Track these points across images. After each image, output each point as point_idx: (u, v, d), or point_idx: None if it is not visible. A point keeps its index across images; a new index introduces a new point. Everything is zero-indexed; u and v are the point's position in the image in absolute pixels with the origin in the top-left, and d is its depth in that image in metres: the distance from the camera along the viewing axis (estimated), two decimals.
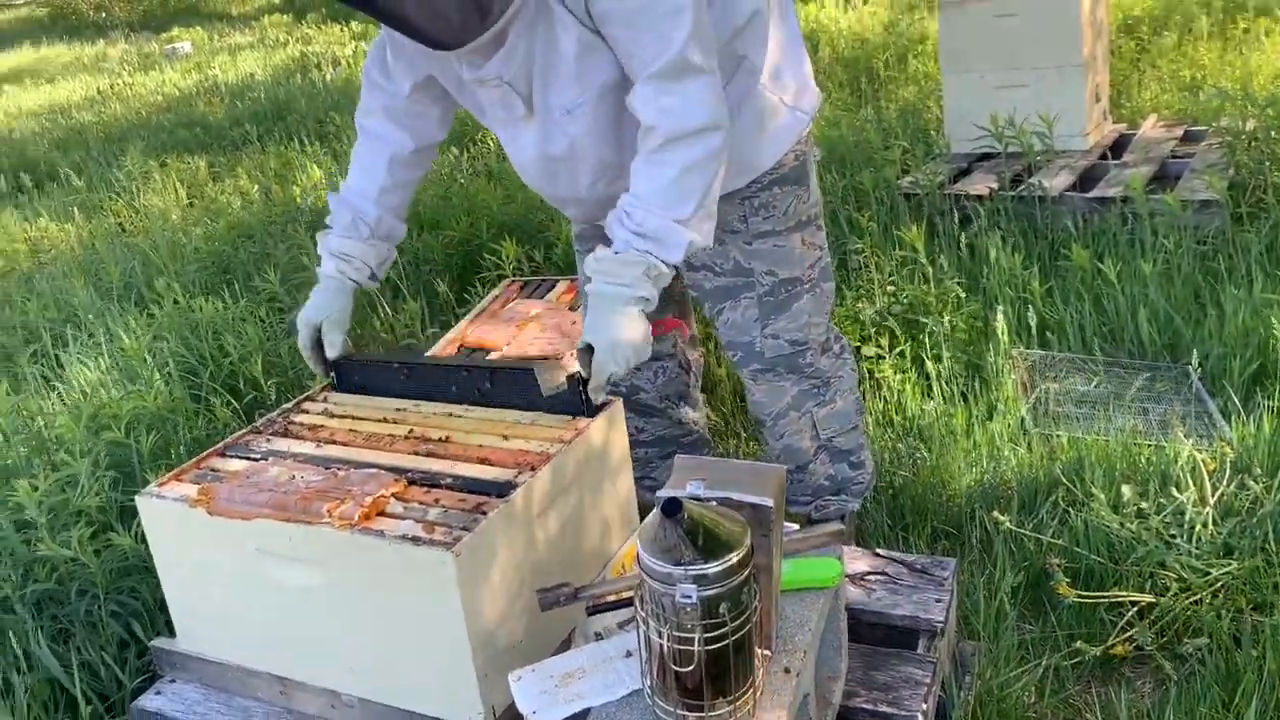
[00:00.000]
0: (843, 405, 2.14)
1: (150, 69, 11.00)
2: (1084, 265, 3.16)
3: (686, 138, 1.65)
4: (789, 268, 2.00)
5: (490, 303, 3.01)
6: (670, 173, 1.65)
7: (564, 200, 1.95)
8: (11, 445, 2.52)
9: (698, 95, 1.65)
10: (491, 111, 1.86)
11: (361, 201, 1.98)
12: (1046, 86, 4.12)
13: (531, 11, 1.65)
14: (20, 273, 4.53)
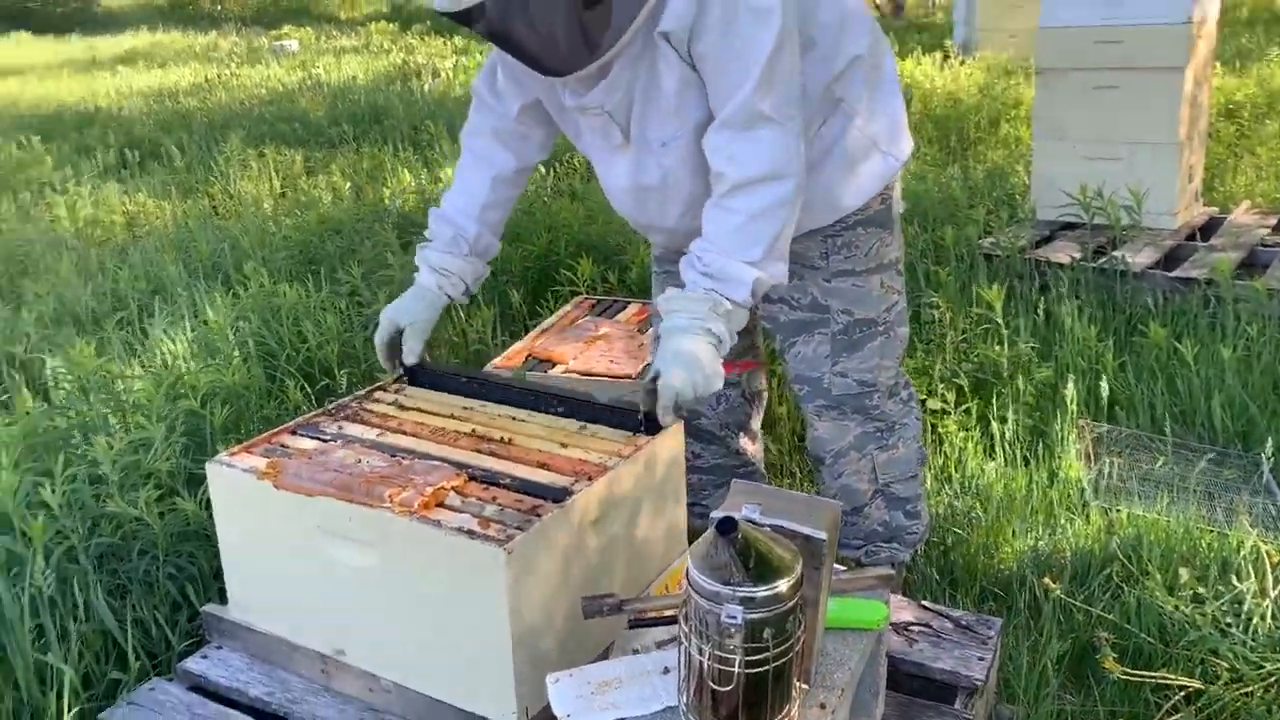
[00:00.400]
0: (904, 452, 2.14)
1: (257, 63, 11.35)
2: (1161, 343, 3.11)
3: (753, 185, 1.69)
4: (865, 308, 2.02)
5: (561, 317, 3.06)
6: (737, 219, 1.70)
7: (650, 228, 2.00)
8: (92, 404, 2.61)
9: (766, 144, 1.69)
10: (589, 138, 1.91)
11: (463, 219, 2.03)
12: (1139, 162, 4.08)
13: (638, 47, 1.71)
14: (116, 243, 4.69)
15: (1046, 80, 4.28)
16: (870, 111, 1.93)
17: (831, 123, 1.89)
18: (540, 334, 2.92)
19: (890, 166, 1.99)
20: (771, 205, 1.70)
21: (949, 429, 2.78)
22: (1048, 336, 3.26)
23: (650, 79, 1.74)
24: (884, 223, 2.01)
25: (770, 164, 1.70)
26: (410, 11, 17.45)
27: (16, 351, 3.18)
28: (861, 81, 1.90)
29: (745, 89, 1.66)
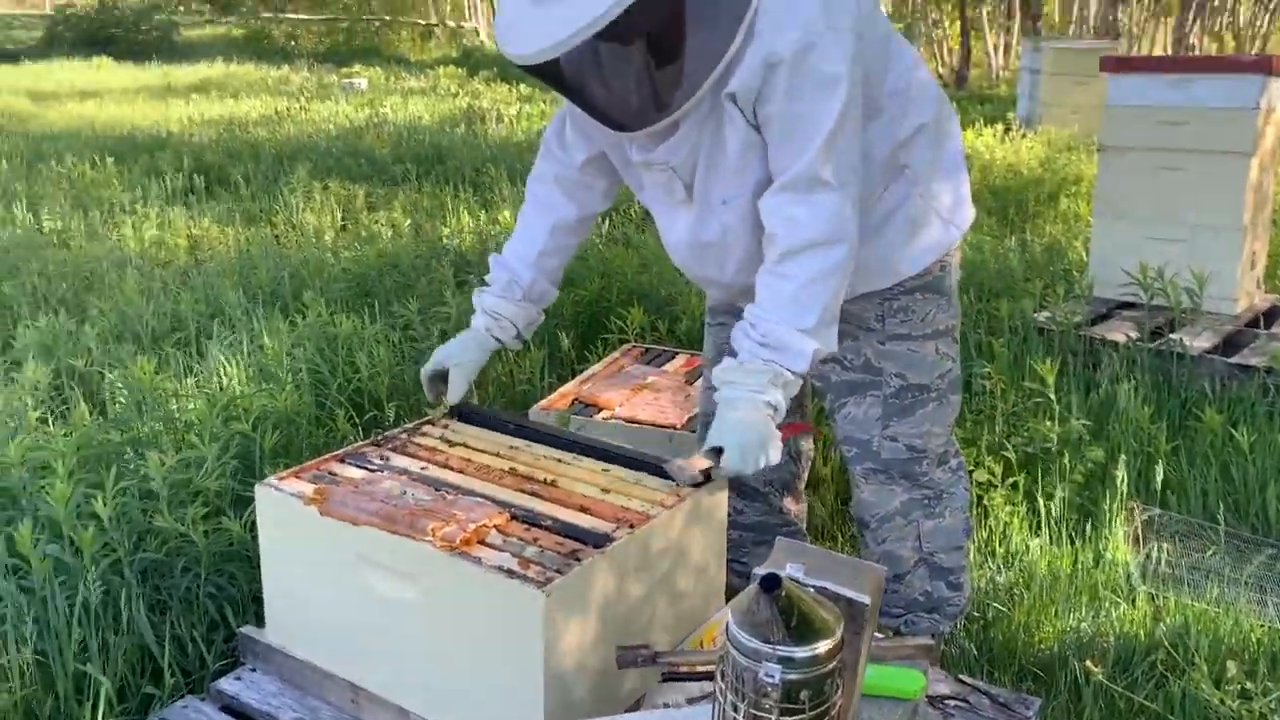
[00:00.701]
0: (951, 522, 2.11)
1: (326, 98, 11.63)
2: (1216, 430, 3.06)
3: (806, 250, 1.71)
4: (919, 374, 2.01)
5: (609, 364, 3.07)
6: (792, 285, 1.71)
7: (708, 281, 2.02)
8: (146, 420, 2.66)
9: (824, 209, 1.71)
10: (652, 192, 1.94)
11: (520, 265, 2.08)
12: (1201, 245, 4.04)
13: (706, 106, 1.73)
14: (178, 265, 4.80)
15: (1109, 158, 4.27)
16: (934, 179, 1.94)
17: (895, 188, 1.90)
18: (588, 379, 2.93)
19: (951, 235, 1.99)
20: (825, 271, 1.71)
21: (995, 502, 2.75)
22: (1100, 415, 3.21)
23: (715, 139, 1.77)
24: (941, 290, 2.00)
25: (826, 229, 1.71)
26: (478, 58, 17.80)
27: (78, 365, 3.25)
28: (927, 149, 1.91)
29: (808, 155, 1.68)
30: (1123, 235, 4.21)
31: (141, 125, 9.40)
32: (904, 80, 1.87)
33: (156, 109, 10.66)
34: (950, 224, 1.98)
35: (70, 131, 9.06)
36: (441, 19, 24.34)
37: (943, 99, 1.98)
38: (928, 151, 1.92)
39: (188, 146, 7.99)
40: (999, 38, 16.86)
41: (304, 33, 21.14)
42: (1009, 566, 2.60)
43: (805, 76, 1.66)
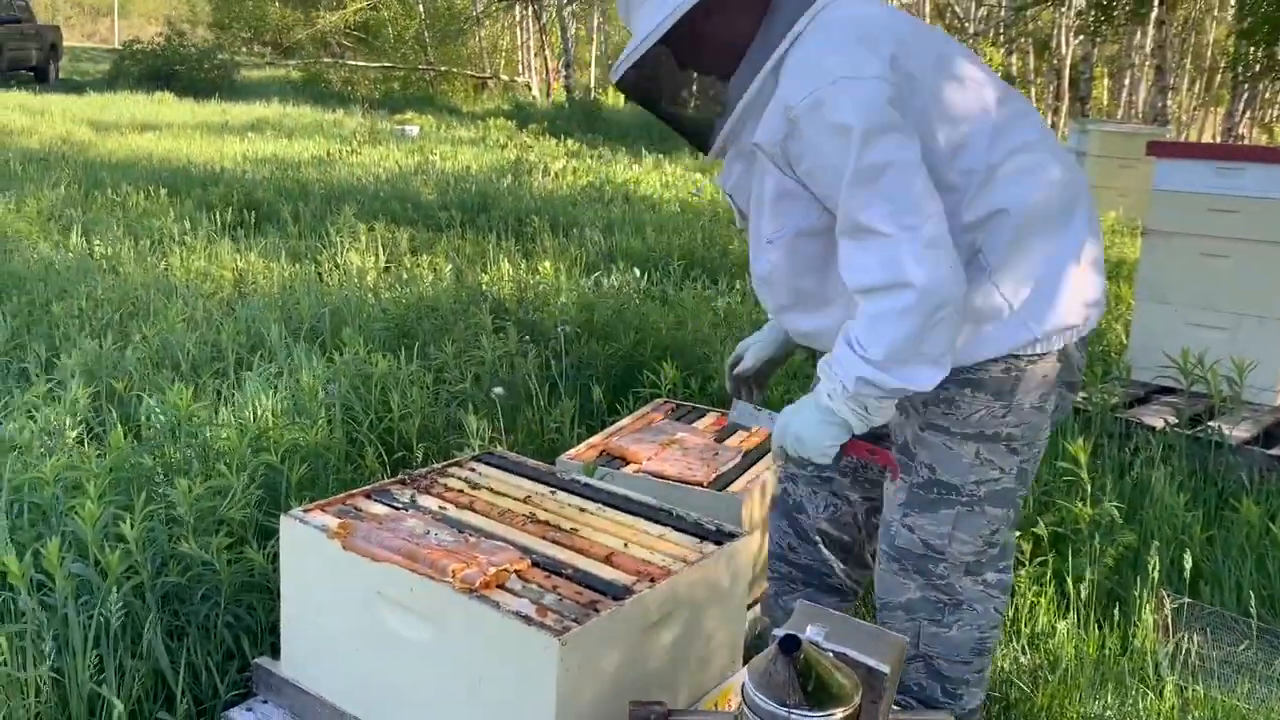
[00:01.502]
0: (959, 635, 1.94)
1: (378, 143, 11.83)
2: (1254, 522, 3.00)
3: (869, 293, 1.70)
4: (949, 472, 1.88)
5: (639, 418, 3.07)
6: (862, 321, 1.72)
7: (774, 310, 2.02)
8: (178, 447, 2.68)
9: (874, 255, 1.68)
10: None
11: None
12: (1244, 333, 4.00)
13: (746, 141, 1.79)
14: (223, 297, 4.87)
15: (1154, 241, 4.25)
16: (1017, 273, 1.82)
17: (967, 273, 1.78)
18: (616, 431, 2.93)
19: (1021, 336, 1.83)
20: (888, 312, 1.68)
21: (1021, 580, 2.70)
22: (1134, 499, 3.16)
23: (756, 179, 1.83)
24: (1000, 393, 1.85)
25: (881, 275, 1.67)
26: (529, 112, 18.09)
27: (118, 388, 3.30)
28: (1008, 238, 1.80)
29: (846, 204, 1.68)
30: (1164, 320, 4.18)
31: (197, 160, 9.60)
32: (986, 161, 1.79)
33: (213, 145, 10.90)
34: (1025, 324, 1.83)
35: (128, 162, 9.27)
36: (495, 72, 24.80)
37: (1068, 193, 1.87)
38: (1010, 241, 1.80)
39: (240, 182, 8.15)
40: (1046, 118, 16.92)
41: (360, 79, 21.60)
42: (1034, 648, 2.54)
43: (820, 130, 1.67)
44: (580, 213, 7.49)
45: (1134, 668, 2.42)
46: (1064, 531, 2.85)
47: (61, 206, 6.74)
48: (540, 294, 4.92)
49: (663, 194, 8.99)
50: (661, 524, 1.88)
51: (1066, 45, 16.83)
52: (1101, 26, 13.49)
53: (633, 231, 6.71)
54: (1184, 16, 17.61)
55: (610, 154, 12.33)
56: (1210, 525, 3.06)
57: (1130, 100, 18.01)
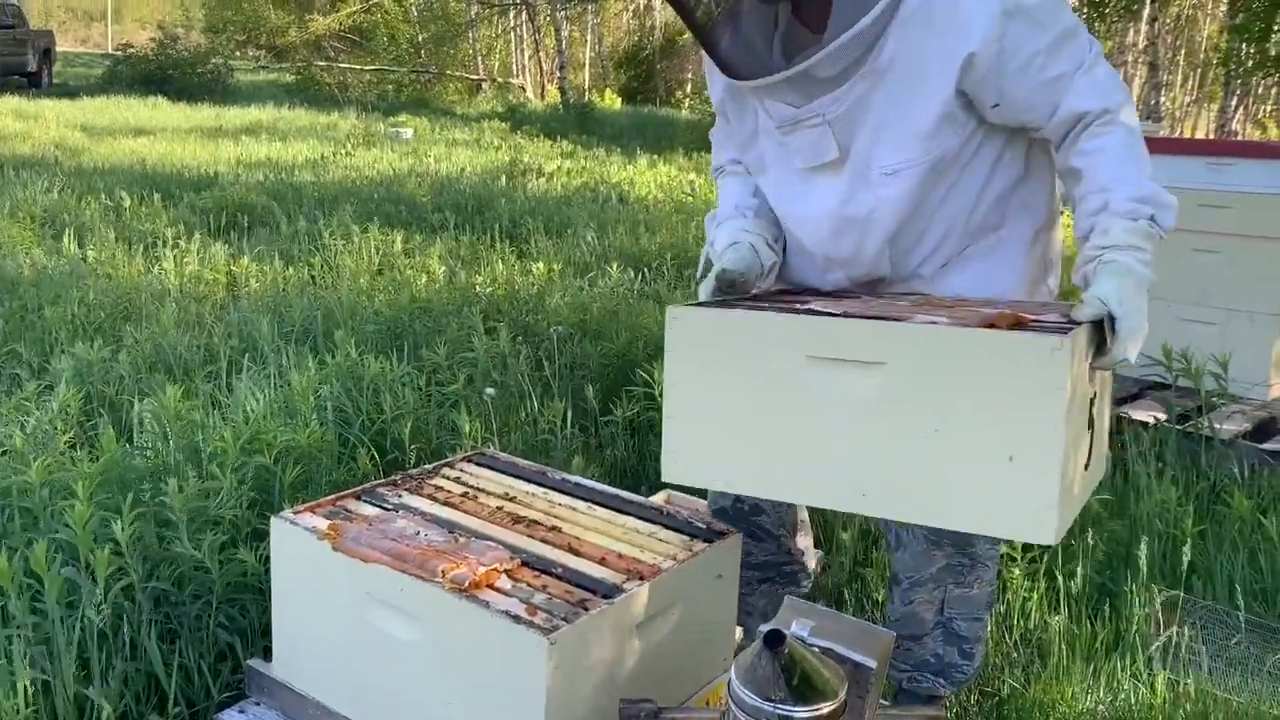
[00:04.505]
0: (977, 593, 2.09)
1: (372, 146, 11.83)
2: (1245, 516, 3.00)
3: (1123, 109, 1.72)
4: None
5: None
6: (1129, 140, 1.70)
7: (836, 261, 1.90)
8: (170, 448, 2.68)
9: (1111, 71, 1.75)
10: (782, 163, 1.86)
11: (744, 205, 1.99)
12: (1235, 329, 4.01)
13: (886, 62, 1.68)
14: (215, 300, 4.87)
15: None
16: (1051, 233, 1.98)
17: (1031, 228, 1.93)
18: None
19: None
20: (1139, 128, 1.75)
21: (1014, 576, 2.71)
22: (1124, 494, 3.17)
23: (896, 103, 1.70)
24: None
25: (1123, 94, 1.74)
26: (523, 114, 18.09)
27: (109, 392, 3.30)
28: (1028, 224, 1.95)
29: (1084, 43, 1.73)
30: (1155, 316, 4.14)
31: (191, 164, 9.60)
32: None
33: (206, 148, 10.89)
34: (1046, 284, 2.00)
35: (121, 166, 9.27)
36: (489, 74, 24.81)
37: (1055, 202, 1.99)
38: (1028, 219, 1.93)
39: (234, 186, 8.14)
40: None
41: (354, 81, 21.59)
42: (1026, 643, 2.55)
43: (1034, 3, 1.69)
44: (574, 214, 7.50)
45: (1126, 662, 2.42)
46: None
47: (54, 211, 6.73)
48: (534, 295, 4.92)
49: (656, 195, 9.00)
50: (652, 522, 1.89)
51: None
52: (1094, 23, 13.51)
53: (626, 232, 6.72)
54: (1176, 13, 17.65)
55: (604, 155, 12.33)
56: (1202, 520, 3.07)
57: None
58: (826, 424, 1.55)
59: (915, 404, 1.48)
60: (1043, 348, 1.40)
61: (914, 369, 1.48)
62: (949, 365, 1.46)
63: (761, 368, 1.59)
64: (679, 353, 1.66)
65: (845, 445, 1.54)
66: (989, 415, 1.43)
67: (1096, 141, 1.71)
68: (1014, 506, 1.43)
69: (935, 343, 1.47)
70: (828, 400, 1.54)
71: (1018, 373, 1.41)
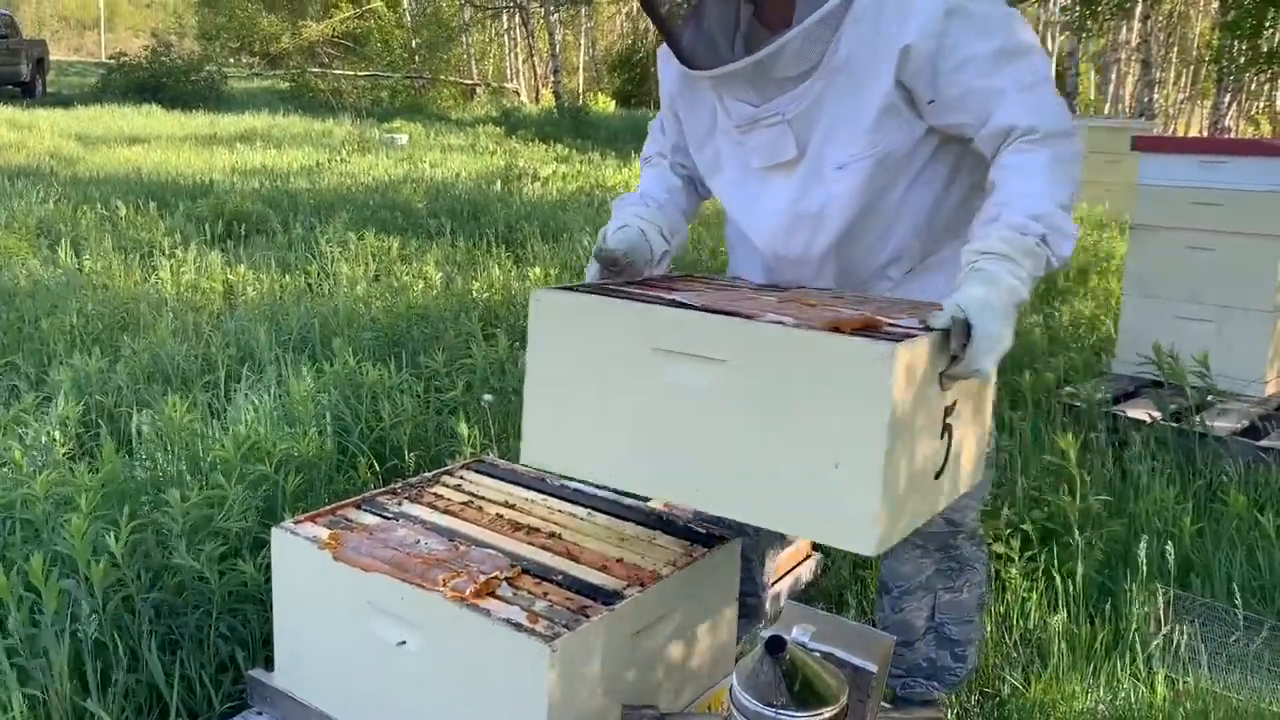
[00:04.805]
0: (967, 597, 2.10)
1: (367, 152, 11.84)
2: (1241, 513, 3.02)
3: (1057, 137, 1.67)
4: None
5: None
6: (1048, 161, 1.65)
7: (786, 260, 1.91)
8: (171, 460, 2.69)
9: (1056, 99, 1.72)
10: (738, 161, 1.88)
11: (653, 192, 2.02)
12: (1230, 326, 4.02)
13: (841, 59, 1.70)
14: (212, 309, 4.87)
15: (1140, 236, 4.27)
16: None
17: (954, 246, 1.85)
18: None
19: None
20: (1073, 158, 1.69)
21: (1012, 577, 2.72)
22: (1123, 492, 3.18)
23: (847, 97, 1.72)
24: None
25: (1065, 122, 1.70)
26: (517, 118, 18.11)
27: (107, 402, 3.30)
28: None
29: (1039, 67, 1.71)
30: (1151, 314, 4.20)
31: (186, 172, 9.60)
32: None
33: (201, 156, 10.89)
34: None
35: (116, 175, 9.27)
36: (484, 79, 24.83)
37: None
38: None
39: (229, 194, 8.15)
40: None
41: (349, 88, 21.61)
42: (1027, 643, 2.56)
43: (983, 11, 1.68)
44: (570, 218, 7.50)
45: (1126, 661, 2.43)
46: (1054, 527, 2.86)
47: (50, 221, 6.73)
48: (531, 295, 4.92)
49: None
50: (651, 527, 1.89)
51: (1052, 41, 16.88)
52: (1086, 21, 13.54)
53: None
54: (1169, 10, 17.69)
55: (599, 158, 12.35)
56: (1199, 518, 3.08)
57: (1117, 95, 18.07)
58: (669, 417, 1.54)
59: (751, 403, 1.47)
60: (868, 356, 1.37)
61: (751, 368, 1.46)
62: (783, 367, 1.44)
63: (612, 355, 1.59)
64: (539, 336, 1.67)
65: (685, 440, 1.53)
66: (818, 420, 1.41)
67: (1017, 157, 1.67)
68: (838, 514, 1.42)
69: (771, 343, 1.44)
70: (671, 393, 1.53)
71: (844, 379, 1.39)
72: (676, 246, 1.99)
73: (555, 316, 1.65)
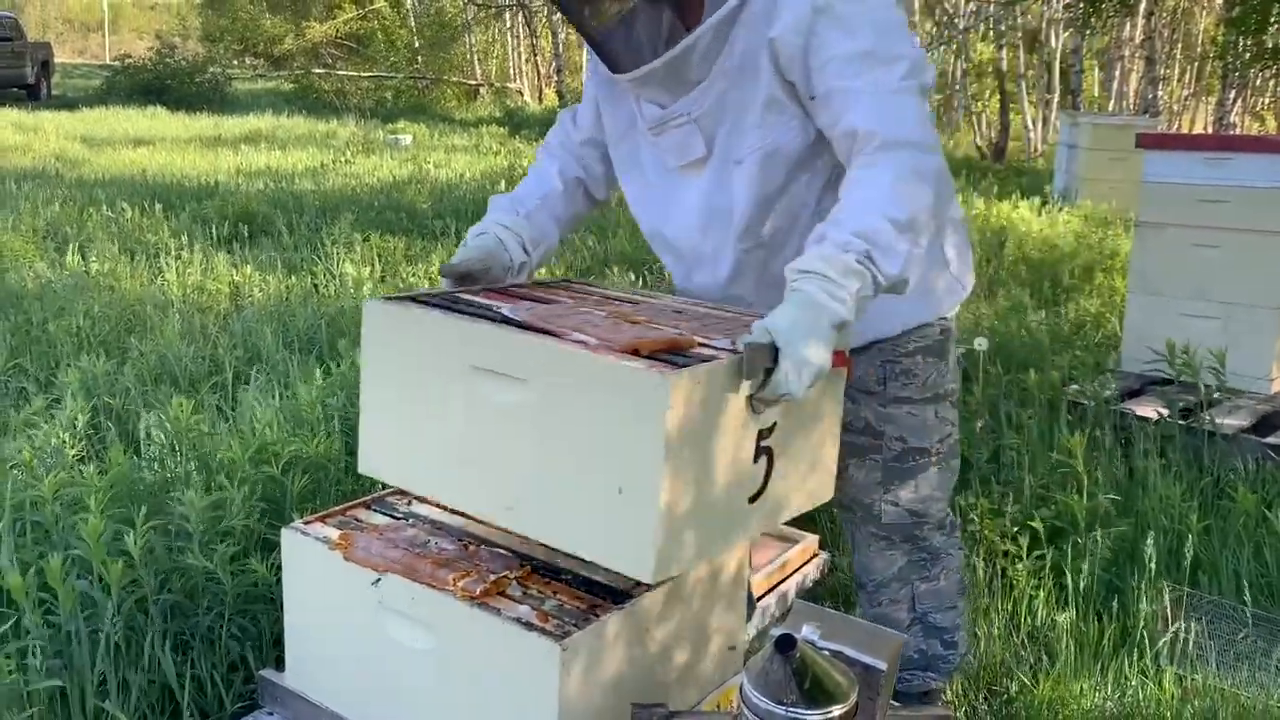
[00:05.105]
0: (945, 584, 2.11)
1: (371, 153, 11.86)
2: (1249, 510, 3.02)
3: (905, 147, 1.62)
4: (919, 438, 2.00)
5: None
6: (888, 175, 1.60)
7: (704, 258, 1.91)
8: (179, 461, 2.70)
9: (916, 112, 1.66)
10: (655, 161, 1.90)
11: (526, 197, 2.03)
12: (1236, 323, 4.02)
13: (738, 56, 1.73)
14: (219, 311, 4.89)
15: (1145, 233, 4.27)
16: (950, 232, 1.96)
17: None
18: None
19: (957, 294, 2.01)
20: (918, 172, 1.62)
21: (1020, 575, 2.72)
22: (1130, 490, 3.18)
23: (743, 90, 1.75)
24: (941, 353, 1.99)
25: (925, 132, 1.66)
26: (520, 118, 18.12)
27: (115, 404, 3.31)
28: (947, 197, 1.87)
29: (898, 71, 1.66)
30: (1156, 311, 4.20)
31: (191, 173, 9.62)
32: None
33: (206, 158, 10.92)
34: (958, 282, 2.00)
35: (122, 177, 9.29)
36: (487, 79, 24.83)
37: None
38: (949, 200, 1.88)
39: (234, 195, 8.16)
40: (1038, 112, 16.96)
41: (352, 89, 21.62)
42: (1034, 641, 2.56)
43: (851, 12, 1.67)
44: None
45: (1134, 659, 2.44)
46: (1061, 525, 2.87)
47: (57, 224, 6.75)
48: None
49: None
50: None
51: (1056, 38, 16.86)
52: (1090, 18, 13.52)
53: (627, 236, 6.73)
54: (1173, 6, 17.66)
55: None
56: (1207, 515, 3.08)
57: (1121, 92, 18.04)
58: (485, 435, 1.57)
59: (549, 425, 1.49)
60: (647, 384, 1.37)
61: (548, 389, 1.48)
62: (574, 390, 1.45)
63: (434, 369, 1.61)
64: (371, 347, 1.69)
65: (498, 459, 1.56)
66: (605, 445, 1.43)
67: (860, 171, 1.63)
68: (621, 539, 1.45)
69: (563, 365, 1.46)
70: (486, 411, 1.56)
71: (625, 406, 1.40)
72: (540, 257, 2.02)
73: (383, 328, 1.69)
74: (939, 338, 1.99)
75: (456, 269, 1.88)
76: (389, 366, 1.69)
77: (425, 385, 1.63)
